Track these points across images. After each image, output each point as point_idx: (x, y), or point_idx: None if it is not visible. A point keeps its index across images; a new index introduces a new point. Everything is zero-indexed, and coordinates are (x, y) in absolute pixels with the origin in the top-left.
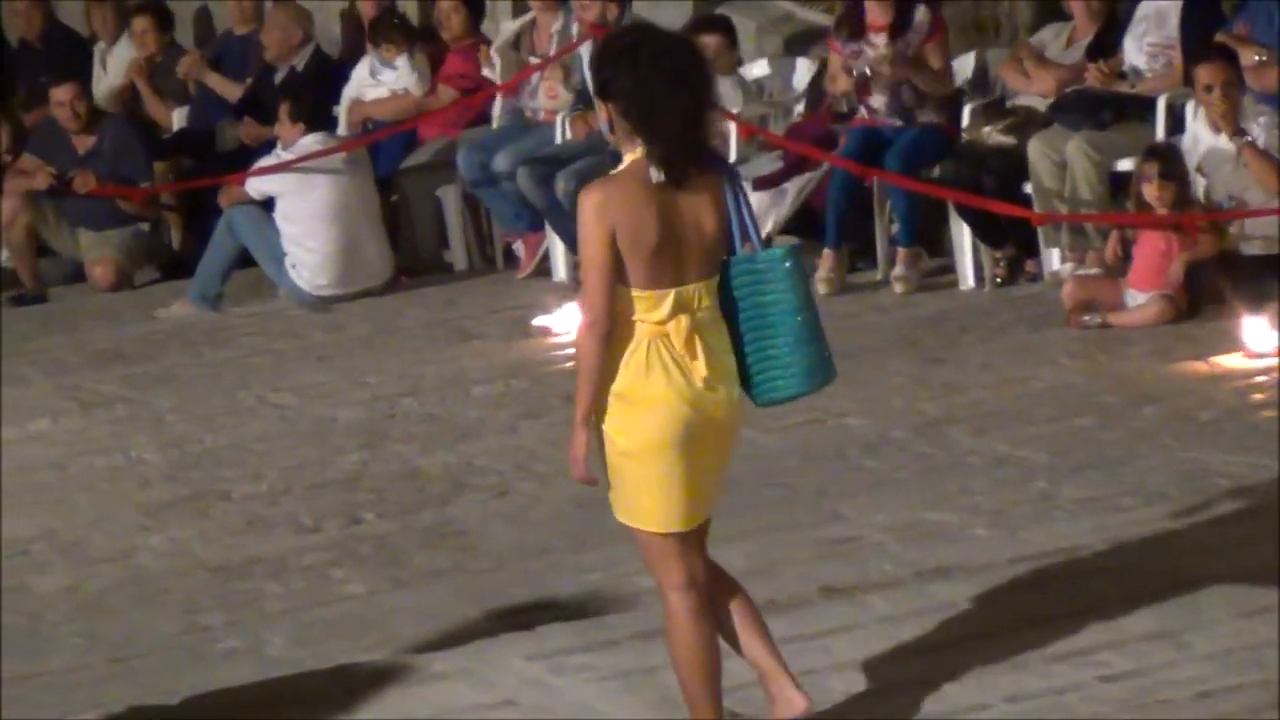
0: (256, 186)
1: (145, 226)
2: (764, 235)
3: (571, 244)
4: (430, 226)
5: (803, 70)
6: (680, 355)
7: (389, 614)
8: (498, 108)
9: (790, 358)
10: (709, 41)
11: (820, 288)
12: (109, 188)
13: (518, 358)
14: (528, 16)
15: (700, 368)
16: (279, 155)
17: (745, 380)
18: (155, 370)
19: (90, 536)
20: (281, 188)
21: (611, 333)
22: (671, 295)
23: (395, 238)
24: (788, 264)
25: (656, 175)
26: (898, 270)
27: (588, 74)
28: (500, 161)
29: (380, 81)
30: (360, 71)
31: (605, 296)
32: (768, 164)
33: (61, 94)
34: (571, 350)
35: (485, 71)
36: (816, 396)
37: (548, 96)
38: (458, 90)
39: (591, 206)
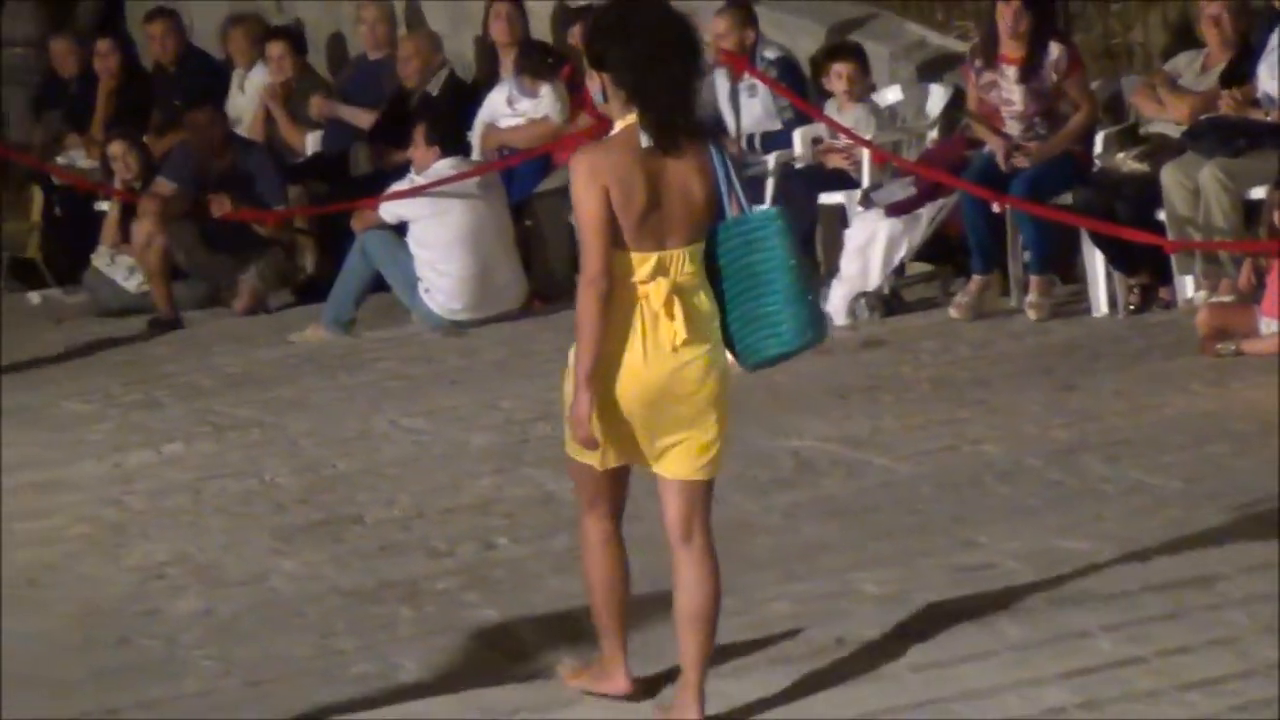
0: (391, 211)
1: (280, 250)
2: (898, 261)
3: None
4: (563, 252)
5: (936, 96)
6: (657, 314)
7: (522, 638)
8: None
9: (781, 314)
10: (841, 68)
11: (953, 313)
12: (244, 212)
13: None
14: None
15: (676, 329)
16: (413, 180)
17: (731, 345)
18: (289, 394)
19: (224, 560)
20: (415, 212)
21: (610, 291)
22: (654, 259)
23: (528, 262)
24: (779, 222)
25: (647, 141)
26: (1031, 297)
27: (720, 102)
28: None
29: (517, 111)
30: (496, 97)
31: (602, 256)
32: (901, 190)
33: (197, 118)
34: None
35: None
36: (952, 423)
37: None
38: (594, 117)
39: (584, 169)
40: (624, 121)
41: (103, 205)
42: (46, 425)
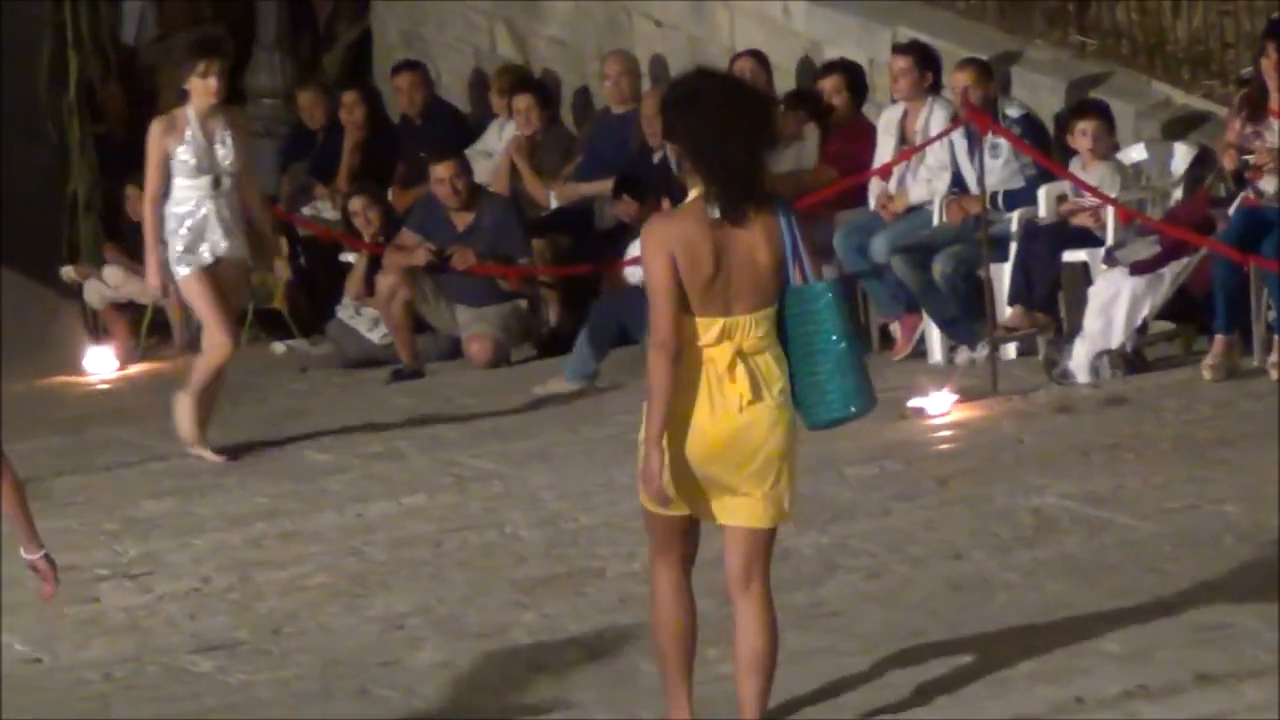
0: (638, 273)
1: (523, 303)
2: (1141, 320)
3: (947, 328)
4: None
5: (1181, 155)
6: (722, 376)
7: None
8: (873, 189)
9: (830, 384)
10: (1086, 126)
11: (1205, 374)
12: (487, 265)
13: (892, 439)
14: (900, 106)
15: (741, 390)
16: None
17: (799, 404)
18: (531, 447)
19: (464, 612)
20: None
21: (680, 354)
22: (720, 324)
23: None
24: (829, 295)
25: (713, 212)
26: (1274, 357)
27: (960, 160)
28: (877, 246)
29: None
30: None
31: (671, 320)
32: (1145, 248)
33: (442, 171)
34: (947, 433)
35: None
36: (1194, 483)
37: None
38: (839, 171)
39: (653, 239)
40: (695, 192)
41: (348, 256)
42: (289, 475)
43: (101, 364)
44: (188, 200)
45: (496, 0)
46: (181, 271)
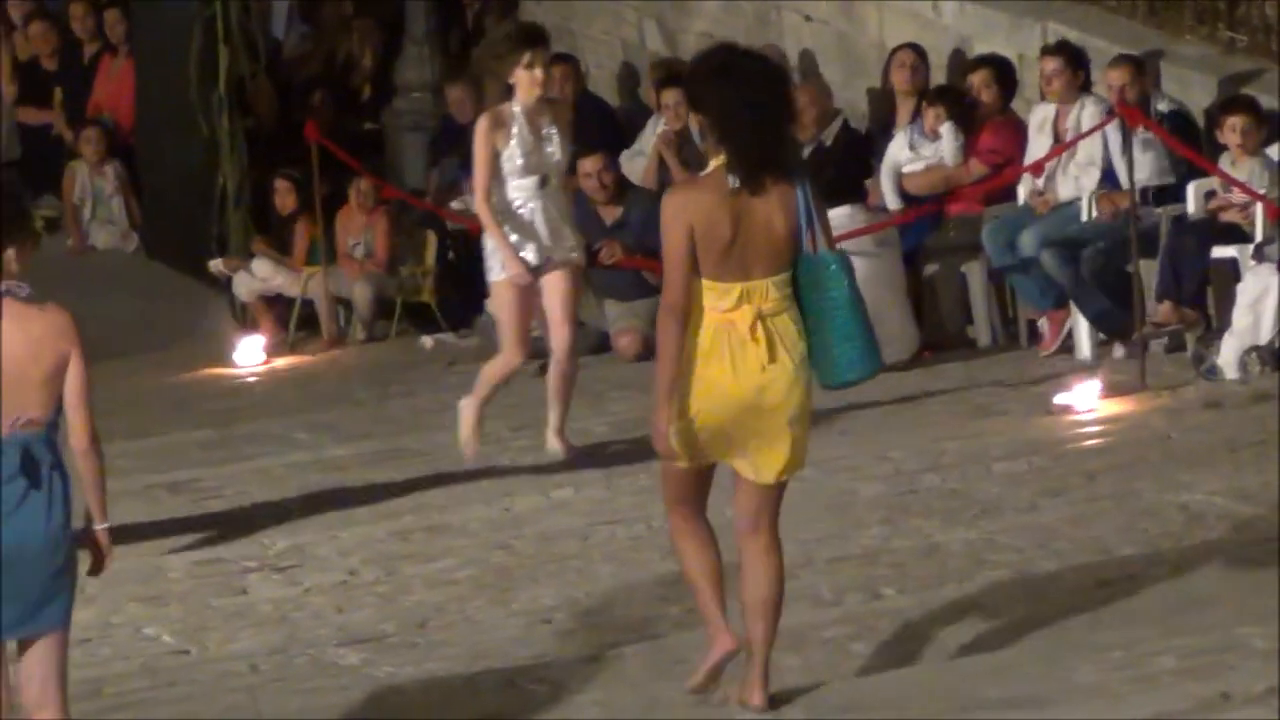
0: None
1: None
2: None
3: (1097, 321)
4: (955, 302)
5: None
6: (743, 339)
7: (909, 690)
8: (1024, 186)
9: (838, 349)
10: (1235, 121)
11: None
12: (636, 259)
13: (1039, 435)
14: (1051, 105)
15: (760, 351)
16: None
17: (813, 364)
18: None
19: (611, 606)
20: None
21: (688, 317)
22: (739, 288)
23: (919, 312)
24: (833, 266)
25: (733, 182)
26: None
27: (1113, 154)
28: (1026, 240)
29: (919, 155)
30: (896, 145)
31: (683, 285)
32: None
33: (589, 165)
34: (1095, 428)
35: None
36: None
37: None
38: (988, 165)
39: (672, 207)
40: (716, 161)
41: None
42: (436, 469)
43: (250, 357)
44: (514, 200)
45: None
46: (494, 274)
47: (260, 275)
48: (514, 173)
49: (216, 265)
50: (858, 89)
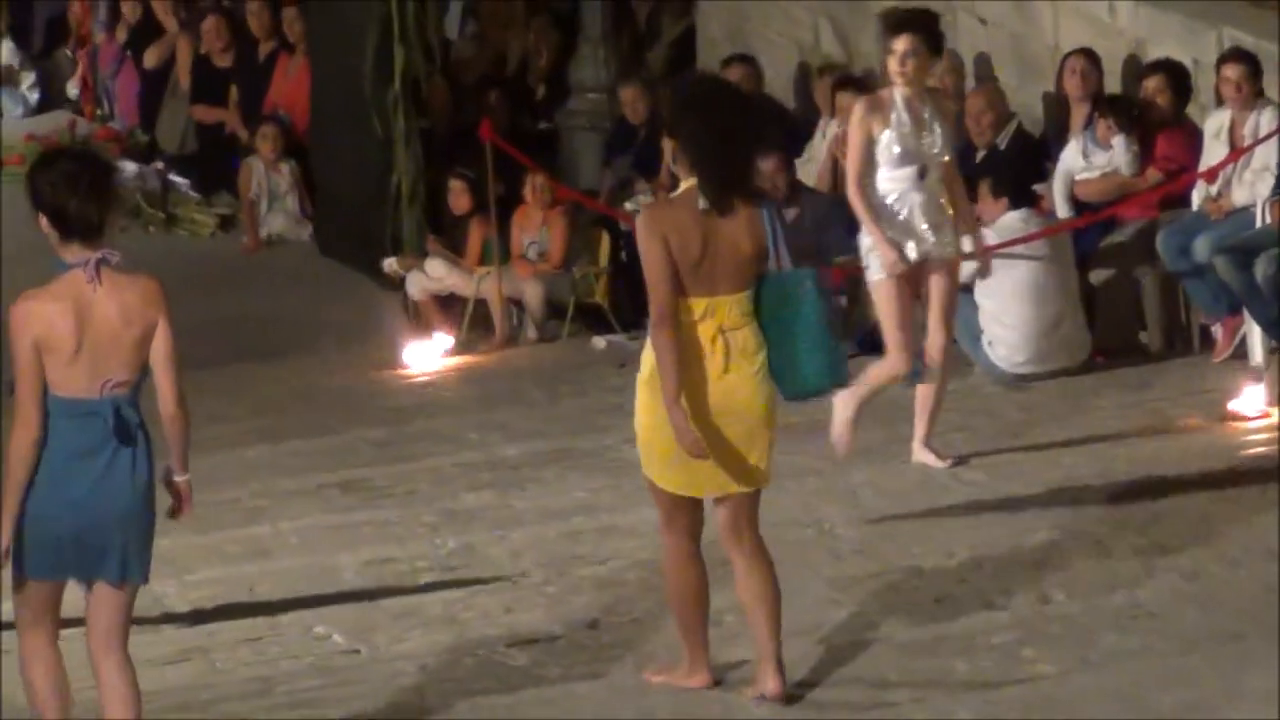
0: (963, 269)
1: (843, 300)
2: None
3: (1270, 328)
4: (1127, 307)
5: None
6: (704, 352)
7: (1078, 695)
8: (1198, 192)
9: (806, 361)
10: None
11: None
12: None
13: (1211, 441)
14: (1227, 111)
15: (719, 362)
16: (981, 231)
17: (777, 378)
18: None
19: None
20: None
21: (675, 321)
22: (704, 303)
23: (1091, 317)
24: (807, 282)
25: (703, 203)
26: None
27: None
28: (1200, 246)
29: (1092, 164)
30: (1070, 151)
31: (668, 297)
32: None
33: (764, 166)
34: (1267, 435)
35: None
36: None
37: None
38: (1163, 173)
39: (647, 225)
40: (687, 183)
41: None
42: (606, 470)
43: (422, 356)
44: (890, 191)
45: None
46: (873, 273)
47: (434, 275)
48: (890, 162)
49: (390, 264)
50: (1032, 92)
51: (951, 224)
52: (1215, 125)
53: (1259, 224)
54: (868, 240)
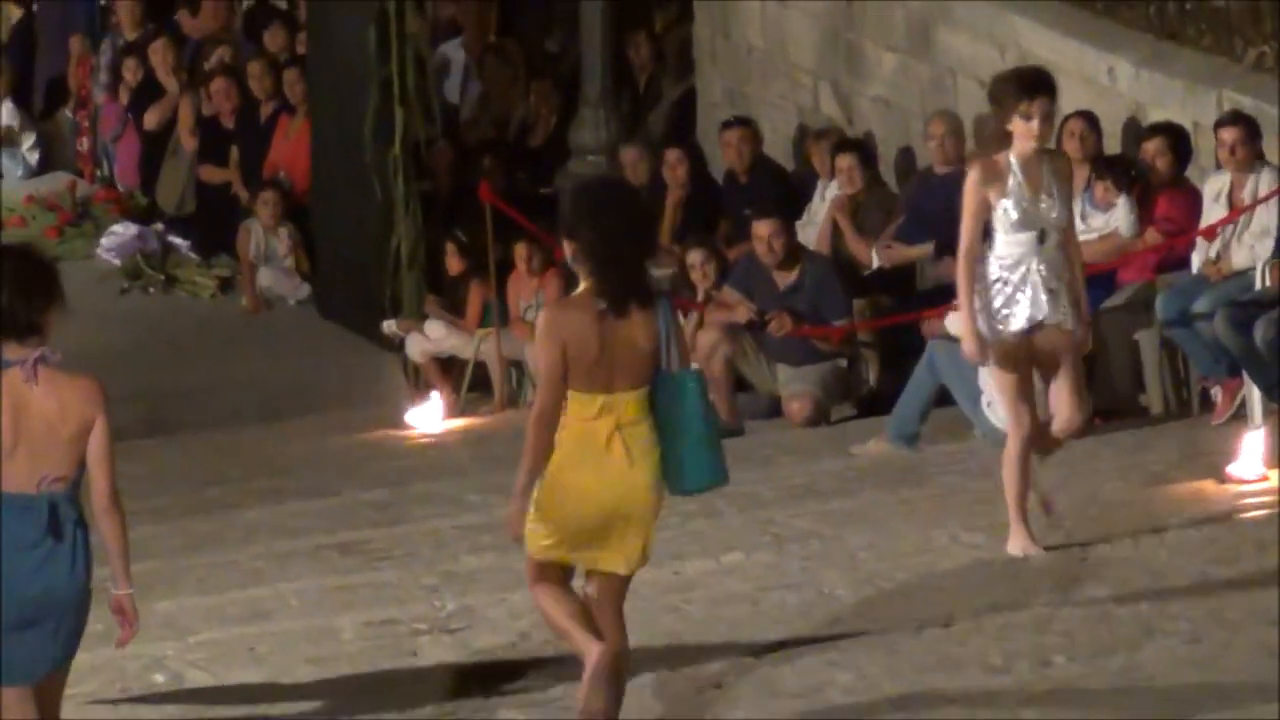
0: (956, 323)
1: (843, 362)
2: None
3: (1269, 391)
4: (1126, 369)
5: None
6: (600, 449)
7: None
8: (1198, 254)
9: (688, 459)
10: None
11: None
12: (805, 328)
13: (1211, 503)
14: (1226, 174)
15: (616, 460)
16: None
17: (665, 474)
18: (850, 506)
19: (780, 672)
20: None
21: (556, 421)
22: (600, 399)
23: (1091, 378)
24: (690, 383)
25: (600, 304)
26: None
27: None
28: (1200, 306)
29: (1090, 225)
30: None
31: (553, 395)
32: None
33: (763, 229)
34: (1266, 498)
35: None
36: None
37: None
38: (1162, 234)
39: (544, 324)
40: (586, 284)
41: None
42: None
43: (423, 418)
44: (1006, 258)
45: (820, 60)
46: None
47: (433, 336)
48: (1008, 228)
49: (390, 326)
50: None
51: (1070, 291)
52: (1215, 188)
53: (1258, 286)
54: (957, 319)
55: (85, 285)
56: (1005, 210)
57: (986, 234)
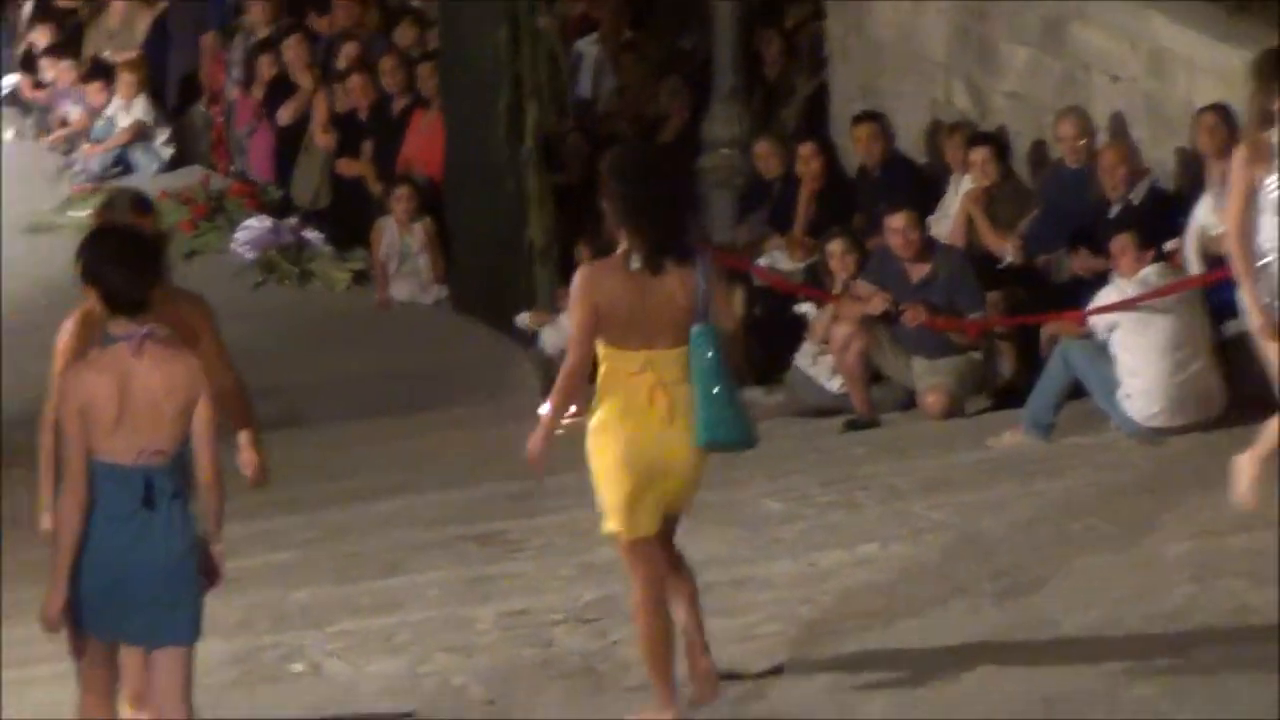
0: (1103, 323)
1: (977, 355)
2: None
3: None
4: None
5: None
6: (642, 404)
7: None
8: None
9: (702, 414)
10: None
11: None
12: (940, 320)
13: None
14: None
15: (658, 414)
16: (1119, 287)
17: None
18: (985, 498)
19: (918, 663)
20: (1120, 319)
21: (584, 376)
22: (641, 356)
23: (1227, 371)
24: (704, 337)
25: (635, 263)
26: None
27: None
28: None
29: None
30: (1204, 207)
31: (580, 354)
32: None
33: (897, 221)
34: None
35: None
36: None
37: None
38: None
39: (577, 283)
40: (623, 245)
41: (802, 307)
42: (742, 522)
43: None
44: (1273, 238)
45: (952, 55)
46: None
47: (566, 329)
48: (1273, 209)
49: (523, 319)
50: (1167, 148)
51: None
52: None
53: None
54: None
55: (220, 279)
56: (1270, 190)
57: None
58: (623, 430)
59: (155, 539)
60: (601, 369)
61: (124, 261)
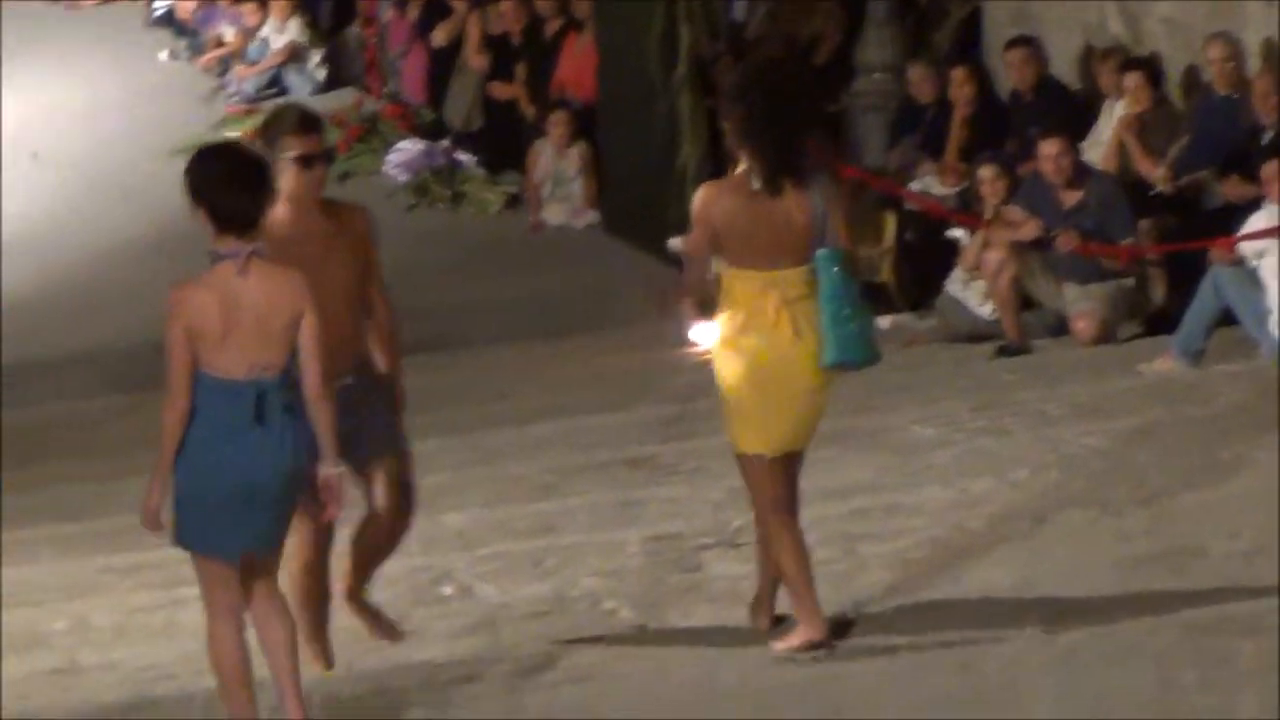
0: (1252, 248)
1: (1129, 281)
2: None
3: None
4: None
5: None
6: (769, 322)
7: None
8: None
9: (828, 335)
10: None
11: None
12: (1092, 245)
13: None
14: None
15: (784, 334)
16: (1270, 213)
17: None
18: (1135, 424)
19: (1065, 589)
20: (1270, 246)
21: (699, 295)
22: (765, 276)
23: None
24: (826, 260)
25: (755, 184)
26: None
27: None
28: None
29: None
30: None
31: (694, 272)
32: None
33: (1049, 147)
34: None
35: None
36: None
37: None
38: None
39: (696, 203)
40: (743, 165)
41: (954, 232)
42: (891, 449)
43: (708, 334)
44: None
45: None
46: None
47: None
48: None
49: (676, 243)
50: None
51: None
52: None
53: None
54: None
55: (372, 201)
56: None
57: None
58: (750, 343)
59: (268, 450)
60: (726, 288)
61: (234, 181)
